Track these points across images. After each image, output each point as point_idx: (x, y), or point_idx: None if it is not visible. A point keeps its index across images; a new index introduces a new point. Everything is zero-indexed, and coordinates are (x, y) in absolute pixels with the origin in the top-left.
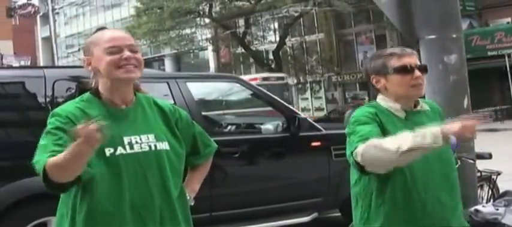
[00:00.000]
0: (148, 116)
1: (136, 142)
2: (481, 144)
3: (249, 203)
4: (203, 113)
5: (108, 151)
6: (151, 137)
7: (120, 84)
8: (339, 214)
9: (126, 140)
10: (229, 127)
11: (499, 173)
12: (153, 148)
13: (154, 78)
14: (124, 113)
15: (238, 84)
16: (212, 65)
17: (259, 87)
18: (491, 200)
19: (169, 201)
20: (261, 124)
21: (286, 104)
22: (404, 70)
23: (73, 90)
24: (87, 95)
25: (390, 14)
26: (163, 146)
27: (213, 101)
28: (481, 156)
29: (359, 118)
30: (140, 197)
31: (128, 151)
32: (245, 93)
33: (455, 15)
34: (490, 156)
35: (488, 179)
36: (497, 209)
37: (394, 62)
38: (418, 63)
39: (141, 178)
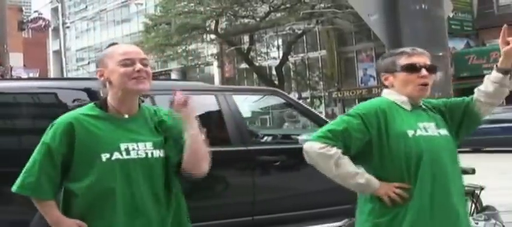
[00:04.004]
0: (148, 125)
1: (133, 149)
2: (465, 159)
3: (287, 208)
4: (247, 124)
5: (104, 156)
6: (149, 145)
7: (131, 94)
8: None
9: (123, 146)
10: (270, 137)
11: (482, 188)
12: (149, 154)
13: (203, 91)
14: (125, 122)
15: (277, 97)
16: (217, 79)
17: (296, 100)
18: (474, 214)
19: (158, 208)
20: (298, 134)
21: (321, 116)
22: (412, 68)
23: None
24: (91, 104)
25: (379, 31)
26: (160, 154)
27: (256, 112)
28: (464, 171)
29: (355, 111)
30: (133, 201)
31: (125, 156)
32: (284, 105)
33: (442, 34)
34: (473, 171)
35: (472, 194)
36: (477, 224)
37: (403, 61)
38: (428, 63)
39: (135, 182)
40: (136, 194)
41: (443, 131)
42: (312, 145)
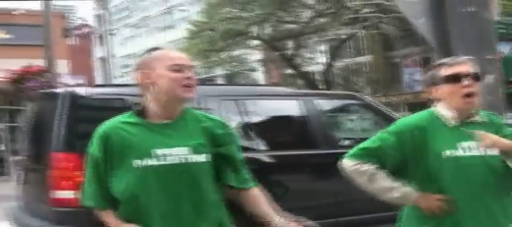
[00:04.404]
0: (188, 130)
1: (167, 154)
2: None
3: (368, 210)
4: (328, 126)
5: (136, 163)
6: (184, 150)
7: (177, 101)
8: None
9: (155, 152)
10: (349, 140)
11: None
12: (184, 160)
13: (287, 96)
14: (162, 127)
15: (356, 100)
16: None
17: (375, 103)
18: None
19: (200, 210)
20: None
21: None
22: (453, 79)
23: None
24: (130, 112)
25: (427, 34)
26: (199, 158)
27: (336, 115)
28: None
29: (392, 129)
30: (170, 208)
31: (156, 162)
32: (363, 109)
33: (490, 36)
34: None
35: None
36: None
37: (443, 72)
38: (471, 71)
39: (171, 188)
40: (174, 200)
41: (493, 151)
42: (346, 162)
